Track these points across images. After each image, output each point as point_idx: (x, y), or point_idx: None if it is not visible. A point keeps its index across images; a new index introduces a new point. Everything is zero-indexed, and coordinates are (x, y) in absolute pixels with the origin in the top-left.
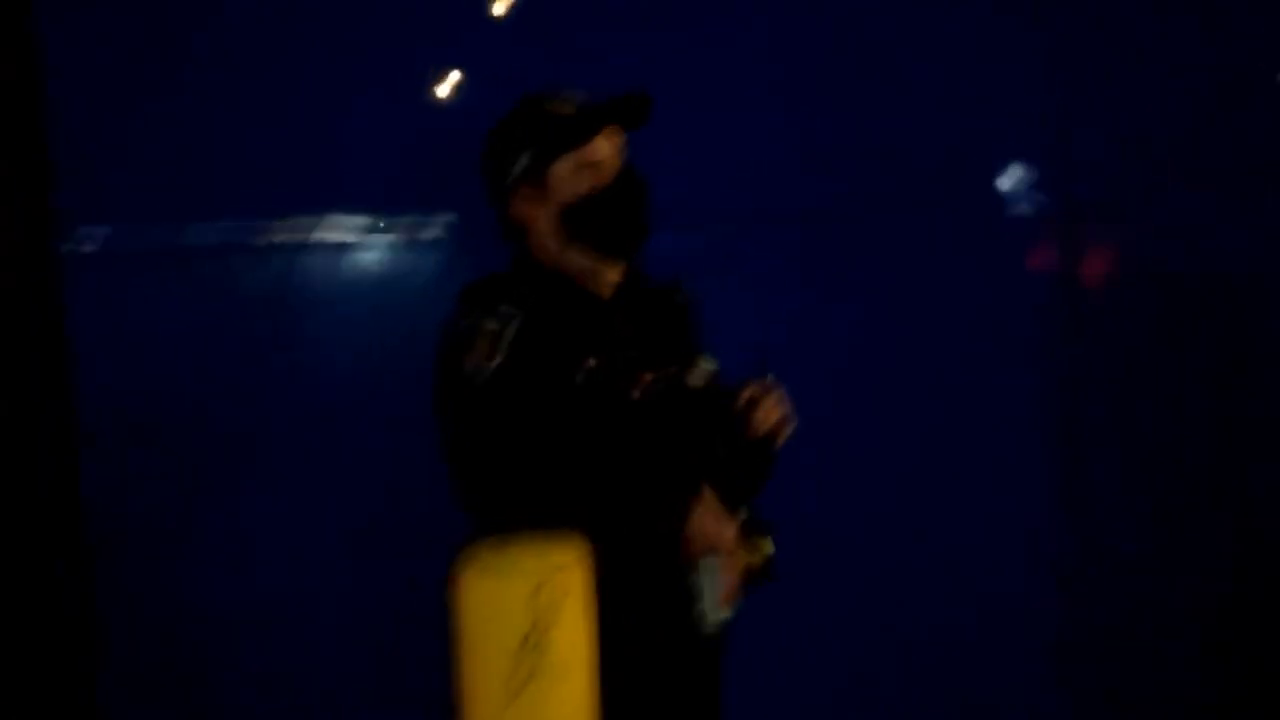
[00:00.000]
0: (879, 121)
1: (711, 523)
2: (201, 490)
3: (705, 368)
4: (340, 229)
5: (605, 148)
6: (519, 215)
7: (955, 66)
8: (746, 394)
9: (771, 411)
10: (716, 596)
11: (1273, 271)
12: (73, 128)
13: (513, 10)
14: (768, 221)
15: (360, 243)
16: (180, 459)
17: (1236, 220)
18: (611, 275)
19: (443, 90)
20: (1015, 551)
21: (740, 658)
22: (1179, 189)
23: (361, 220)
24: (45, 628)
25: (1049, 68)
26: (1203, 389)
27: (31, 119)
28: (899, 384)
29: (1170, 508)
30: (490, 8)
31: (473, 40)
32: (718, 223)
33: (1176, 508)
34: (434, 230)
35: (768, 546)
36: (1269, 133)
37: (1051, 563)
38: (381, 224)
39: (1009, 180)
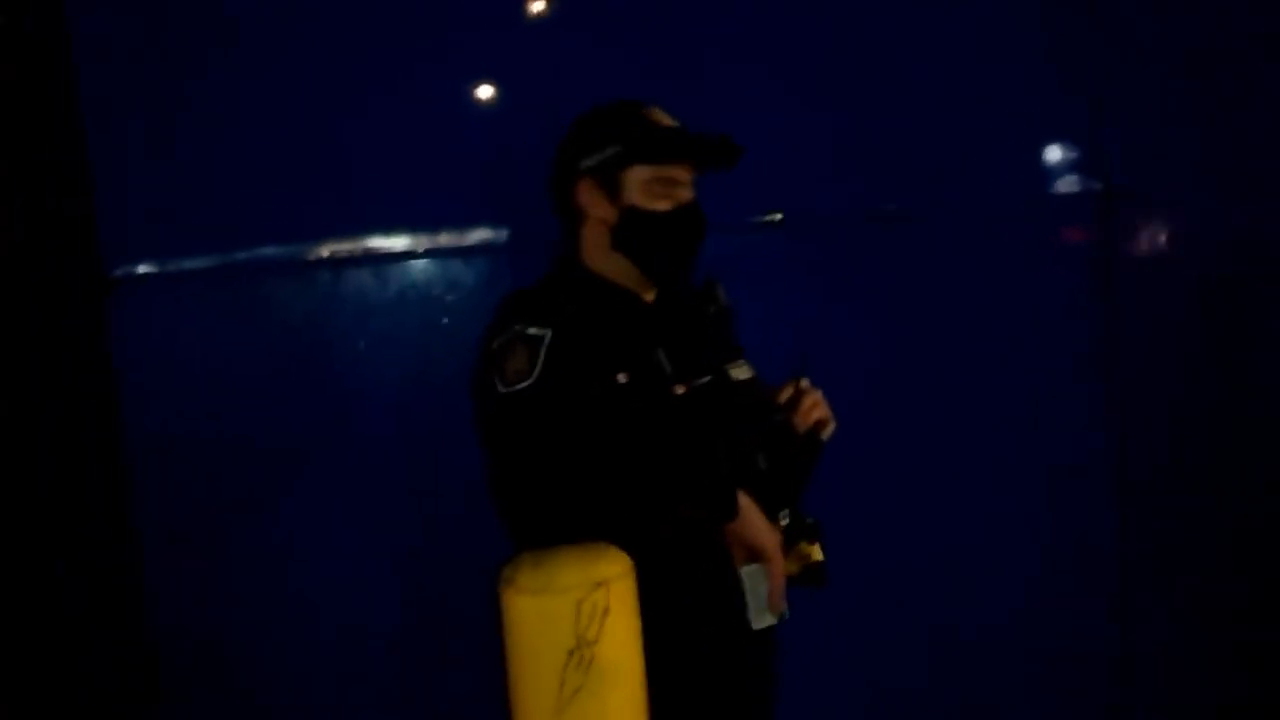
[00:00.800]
0: (892, 122)
1: (753, 530)
2: (248, 505)
3: (739, 375)
4: (386, 243)
5: (684, 175)
6: (580, 203)
7: (965, 65)
8: (786, 394)
9: (811, 410)
10: (761, 602)
11: None
12: (113, 149)
13: (545, 24)
14: (779, 225)
15: (406, 257)
16: (227, 476)
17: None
18: (648, 288)
19: (488, 104)
20: (1056, 554)
21: (787, 660)
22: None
23: (407, 235)
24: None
25: (1063, 66)
26: (1244, 384)
27: (44, 127)
28: (922, 387)
29: (1218, 507)
30: (528, 22)
31: (512, 54)
32: (727, 226)
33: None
34: (480, 244)
35: (816, 553)
36: None
37: (1092, 563)
38: (428, 238)
39: (1026, 179)
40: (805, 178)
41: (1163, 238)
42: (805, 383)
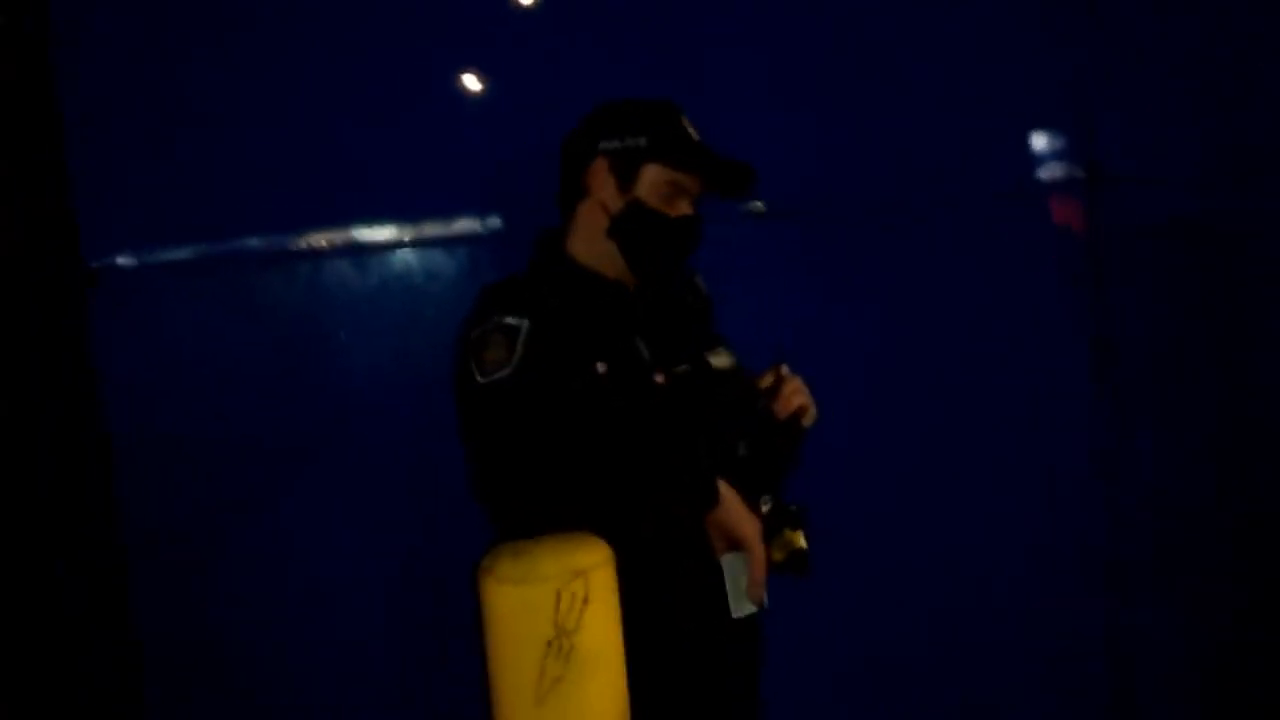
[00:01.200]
0: (884, 114)
1: (732, 518)
2: (237, 501)
3: (718, 362)
4: (372, 234)
5: (695, 190)
6: (588, 180)
7: (957, 55)
8: (766, 381)
9: (792, 397)
10: (742, 591)
11: None
12: (92, 140)
13: (537, 13)
14: (775, 218)
15: (393, 248)
16: (214, 471)
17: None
18: (629, 278)
19: (475, 93)
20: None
21: (777, 650)
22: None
23: (394, 225)
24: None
25: (1057, 57)
26: (1243, 382)
27: (43, 126)
28: (913, 382)
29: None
30: (516, 15)
31: (497, 42)
32: (723, 219)
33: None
34: (467, 234)
35: (798, 541)
36: None
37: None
38: (414, 229)
39: (1017, 171)
40: (797, 169)
41: (1157, 229)
42: (785, 369)
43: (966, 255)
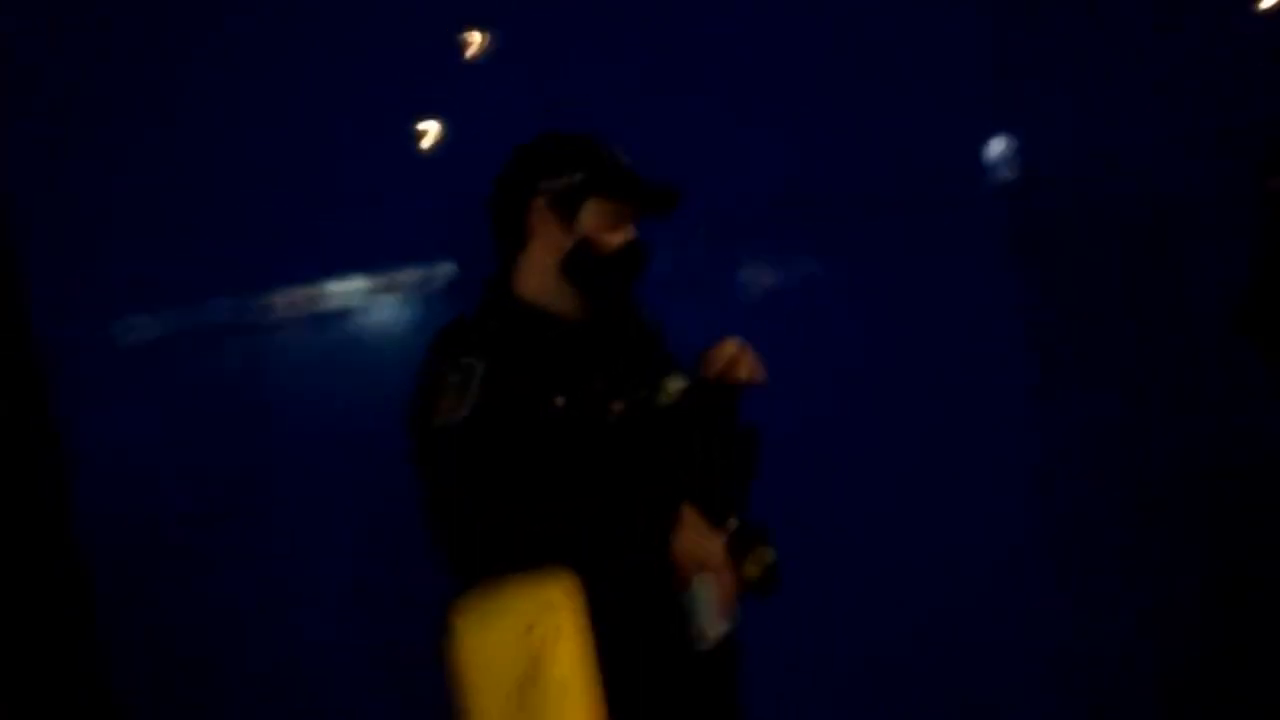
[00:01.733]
0: (817, 111)
1: (696, 541)
2: (203, 564)
3: (674, 386)
4: (337, 294)
5: (631, 215)
6: (530, 221)
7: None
8: (712, 352)
9: (719, 354)
10: (711, 612)
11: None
12: (38, 210)
13: (504, 44)
14: (758, 216)
15: (360, 306)
16: (182, 536)
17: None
18: (580, 312)
19: (434, 141)
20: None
21: (754, 665)
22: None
23: (359, 282)
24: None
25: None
26: (1180, 366)
27: None
28: (887, 380)
29: (1154, 499)
30: (480, 52)
31: (459, 84)
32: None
33: (1160, 499)
34: (434, 283)
35: (767, 556)
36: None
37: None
38: (380, 283)
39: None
40: (737, 165)
41: (1084, 224)
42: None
43: (922, 254)
